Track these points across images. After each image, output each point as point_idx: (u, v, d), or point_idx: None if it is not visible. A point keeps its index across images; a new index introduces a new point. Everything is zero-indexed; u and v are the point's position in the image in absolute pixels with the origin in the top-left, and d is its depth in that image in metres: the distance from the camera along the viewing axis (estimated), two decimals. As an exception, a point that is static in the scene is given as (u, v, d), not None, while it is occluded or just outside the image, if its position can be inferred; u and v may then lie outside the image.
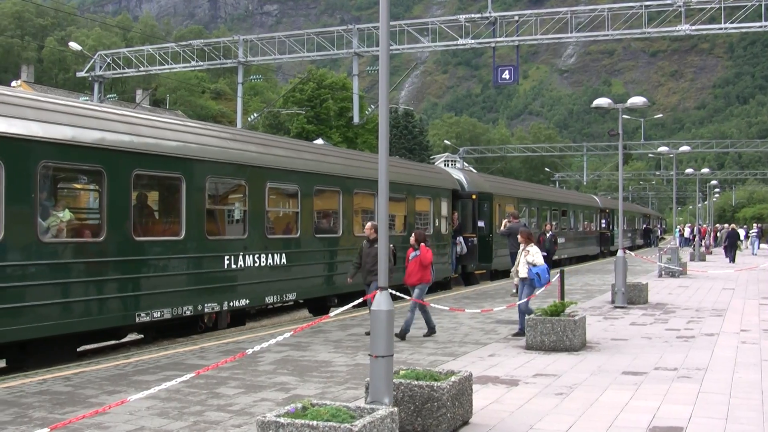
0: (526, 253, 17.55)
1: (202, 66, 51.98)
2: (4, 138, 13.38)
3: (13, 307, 13.36)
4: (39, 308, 13.98)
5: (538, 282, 17.32)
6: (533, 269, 17.27)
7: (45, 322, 14.09)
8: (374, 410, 7.56)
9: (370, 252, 17.97)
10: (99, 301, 15.12)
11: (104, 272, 15.28)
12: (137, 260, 15.98)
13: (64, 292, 14.46)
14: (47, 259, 14.16)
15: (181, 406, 10.72)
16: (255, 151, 19.87)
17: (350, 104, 64.98)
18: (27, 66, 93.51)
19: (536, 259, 17.35)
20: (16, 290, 13.58)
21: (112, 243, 15.38)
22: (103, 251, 15.25)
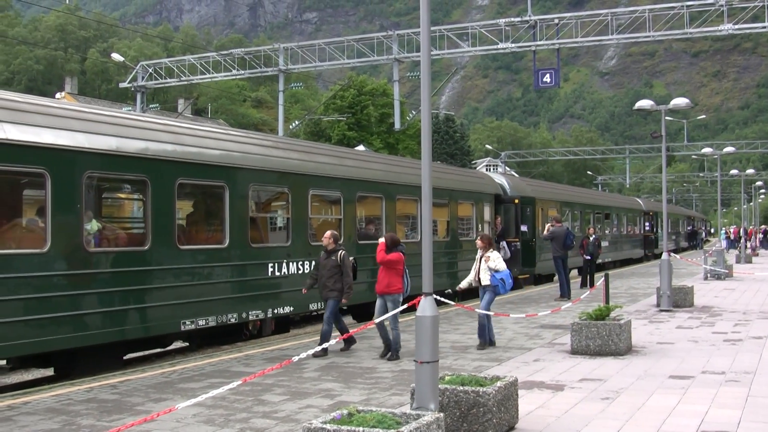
0: (486, 258, 16.69)
1: (242, 74, 52.28)
2: (50, 149, 13.53)
3: (61, 316, 13.49)
4: (86, 317, 14.11)
5: (502, 288, 16.63)
6: (497, 275, 16.51)
7: (91, 331, 14.22)
8: (420, 416, 7.55)
9: (326, 264, 16.27)
10: (144, 309, 15.23)
11: (149, 281, 15.40)
12: (182, 268, 16.08)
13: (110, 300, 14.58)
14: (93, 269, 14.29)
15: (227, 414, 10.77)
16: (297, 159, 19.94)
17: (391, 110, 65.08)
18: (71, 78, 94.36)
19: (498, 265, 16.58)
20: (63, 299, 13.71)
21: (156, 252, 15.49)
22: (148, 260, 15.36)
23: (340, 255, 16.13)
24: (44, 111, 14.06)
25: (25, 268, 13.19)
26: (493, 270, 16.53)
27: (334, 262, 16.12)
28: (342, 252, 16.22)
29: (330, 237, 16.33)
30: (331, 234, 16.41)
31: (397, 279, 15.52)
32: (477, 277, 16.84)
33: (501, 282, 16.50)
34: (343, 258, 16.13)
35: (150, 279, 15.41)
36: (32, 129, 13.39)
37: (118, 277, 14.81)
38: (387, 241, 15.75)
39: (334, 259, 16.14)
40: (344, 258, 16.16)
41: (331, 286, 16.07)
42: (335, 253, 16.19)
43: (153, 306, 15.37)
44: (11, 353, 13.44)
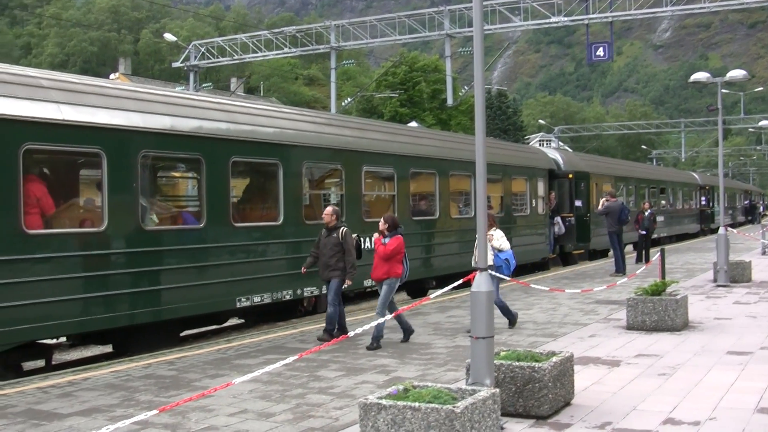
0: (490, 238, 15.56)
1: (294, 52, 52.22)
2: (106, 129, 13.66)
3: (119, 294, 13.64)
4: (143, 294, 14.27)
5: (506, 269, 15.77)
6: (501, 255, 15.71)
7: (149, 308, 14.38)
8: (476, 392, 7.55)
9: (328, 242, 15.22)
10: (200, 286, 15.36)
11: (205, 258, 15.52)
12: (237, 246, 16.19)
13: (167, 278, 14.73)
14: (149, 247, 14.44)
15: (282, 389, 10.84)
16: (350, 136, 19.96)
17: (443, 86, 64.91)
18: (124, 58, 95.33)
19: (502, 244, 15.81)
20: (121, 277, 13.88)
21: (211, 229, 15.60)
22: (203, 238, 15.48)
23: (342, 232, 15.09)
24: (99, 92, 14.20)
25: (83, 246, 13.36)
26: (496, 250, 15.71)
27: (335, 239, 15.09)
28: (344, 229, 15.18)
29: (331, 213, 15.33)
30: (332, 210, 15.41)
31: (397, 265, 14.57)
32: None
33: (505, 263, 15.73)
34: (344, 235, 15.08)
35: (205, 257, 15.53)
36: (88, 109, 13.53)
37: (174, 255, 14.96)
38: (388, 223, 14.76)
39: (335, 236, 15.11)
40: (346, 235, 15.10)
41: (333, 266, 15.04)
42: (336, 230, 15.15)
43: (209, 283, 15.50)
44: (71, 330, 13.63)
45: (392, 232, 14.59)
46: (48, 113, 12.81)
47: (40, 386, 11.38)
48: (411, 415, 6.98)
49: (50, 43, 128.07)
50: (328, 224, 15.19)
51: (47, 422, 9.41)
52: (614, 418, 9.08)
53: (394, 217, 15.04)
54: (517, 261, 25.70)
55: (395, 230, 14.64)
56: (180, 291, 14.94)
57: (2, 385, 11.49)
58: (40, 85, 13.13)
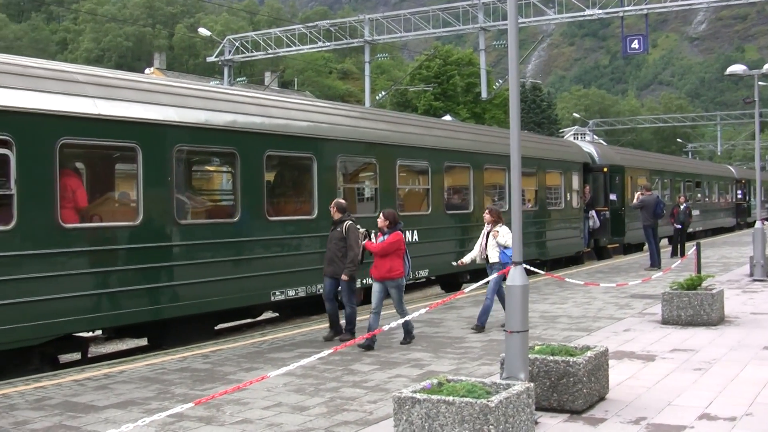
0: (495, 234, 15.18)
1: (328, 46, 52.27)
2: (141, 123, 13.73)
3: (154, 287, 13.72)
4: (178, 288, 14.34)
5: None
6: (507, 252, 14.90)
7: (183, 302, 14.45)
8: (510, 386, 7.52)
9: (332, 237, 14.58)
10: (234, 280, 15.41)
11: (239, 252, 15.57)
12: (271, 240, 16.23)
13: (201, 272, 14.79)
14: (184, 240, 14.51)
15: (316, 383, 10.86)
16: (385, 129, 19.96)
17: (477, 80, 64.59)
18: (159, 53, 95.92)
19: (508, 240, 14.89)
20: (156, 271, 13.95)
21: (246, 223, 15.66)
22: (238, 232, 15.53)
23: (346, 226, 14.33)
24: (134, 86, 14.27)
25: (118, 240, 13.45)
26: (502, 246, 15.08)
27: (339, 234, 14.39)
28: (348, 222, 14.38)
29: (334, 206, 14.68)
30: (335, 203, 14.76)
31: (399, 262, 13.86)
32: (484, 254, 15.51)
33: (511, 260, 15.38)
34: (348, 229, 14.30)
35: (240, 250, 15.59)
36: (123, 104, 13.60)
37: (209, 249, 15.02)
38: (389, 218, 14.03)
39: (339, 230, 14.41)
40: (349, 229, 14.30)
41: (338, 262, 14.38)
42: (341, 224, 14.43)
43: (243, 277, 15.55)
44: (107, 324, 13.73)
45: (391, 228, 13.94)
46: (84, 108, 12.89)
47: (77, 379, 11.47)
48: (445, 409, 6.97)
49: (86, 39, 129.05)
50: (333, 217, 14.66)
51: (83, 414, 9.48)
52: (649, 413, 9.03)
53: (394, 213, 14.31)
54: (552, 255, 25.63)
55: (395, 226, 14.01)
56: (215, 285, 14.99)
57: (39, 378, 11.60)
58: (75, 80, 13.22)
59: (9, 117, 11.86)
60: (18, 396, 10.53)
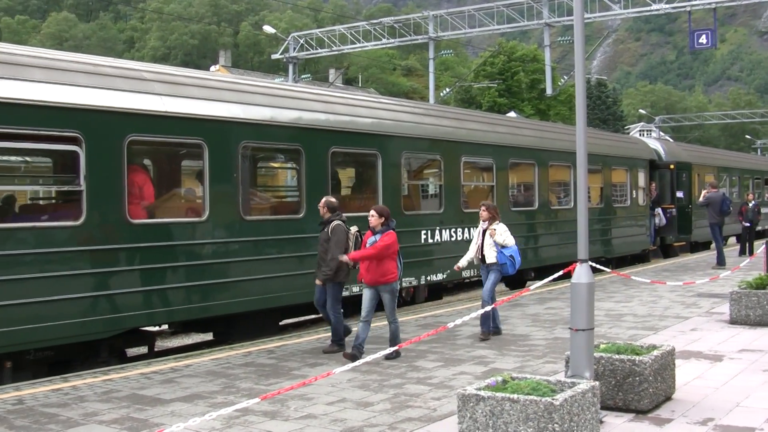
0: (492, 232, 14.19)
1: (392, 43, 52.26)
2: (207, 120, 13.86)
3: (219, 283, 13.84)
4: (243, 283, 14.44)
5: (511, 266, 14.19)
6: (505, 251, 14.14)
7: (249, 297, 14.56)
8: (575, 384, 7.47)
9: (320, 238, 13.44)
10: (299, 276, 15.48)
11: (304, 248, 15.64)
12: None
13: (267, 267, 14.88)
14: (250, 236, 14.61)
15: (381, 379, 10.88)
16: (449, 126, 19.93)
17: (541, 76, 64.42)
18: (224, 51, 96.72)
19: (506, 239, 14.15)
20: (222, 266, 14.08)
21: (311, 219, 15.71)
22: (303, 228, 15.60)
23: (331, 226, 13.14)
24: (200, 83, 14.41)
25: (185, 236, 13.59)
26: (500, 245, 14.16)
27: (325, 235, 13.26)
28: (335, 223, 13.16)
29: (323, 205, 13.42)
30: (324, 201, 13.47)
31: (391, 265, 12.54)
32: (480, 254, 14.40)
33: (510, 260, 14.14)
34: (332, 229, 13.09)
35: (305, 246, 15.66)
36: (190, 101, 13.74)
37: (274, 245, 15.12)
38: (385, 215, 12.74)
39: (325, 231, 13.28)
40: (334, 229, 13.08)
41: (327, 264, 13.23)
42: (328, 224, 13.26)
43: (308, 273, 15.61)
44: (173, 318, 13.87)
45: (384, 227, 12.61)
46: (151, 105, 13.05)
47: (144, 372, 11.62)
48: (509, 407, 6.95)
49: (152, 37, 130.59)
50: (323, 216, 13.45)
51: (150, 407, 9.60)
52: (717, 414, 8.91)
53: (388, 210, 12.95)
54: (617, 253, 25.38)
55: (388, 225, 12.68)
56: (280, 280, 15.08)
57: (108, 371, 11.77)
58: (143, 77, 13.38)
59: (79, 114, 12.04)
60: (87, 388, 10.70)
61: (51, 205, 14.16)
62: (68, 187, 12.73)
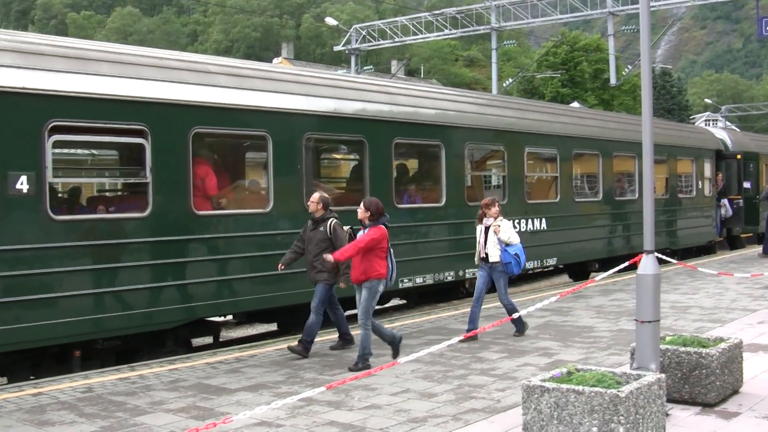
0: (496, 229, 13.31)
1: (454, 34, 52.10)
2: (271, 112, 13.95)
3: (284, 274, 13.91)
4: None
5: (516, 265, 13.38)
6: (510, 249, 13.33)
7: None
8: (640, 376, 7.42)
9: (314, 237, 12.40)
10: (363, 267, 15.49)
11: (367, 239, 15.66)
12: (399, 227, 16.28)
13: (330, 259, 14.92)
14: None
15: (444, 370, 10.89)
16: (512, 116, 19.85)
17: (605, 66, 63.66)
18: (286, 43, 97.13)
19: (511, 236, 13.33)
20: (286, 258, 14.15)
21: (374, 211, 15.74)
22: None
23: (330, 225, 12.30)
24: (264, 76, 14.50)
25: (249, 227, 13.69)
26: (504, 243, 13.33)
27: (322, 234, 12.31)
28: (333, 221, 12.35)
29: (318, 201, 12.43)
30: (319, 197, 12.48)
31: (378, 262, 11.50)
32: (483, 252, 13.53)
33: (515, 258, 13.33)
34: (334, 228, 12.27)
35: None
36: (254, 93, 13.83)
37: (338, 236, 15.16)
38: (371, 209, 11.66)
39: (322, 230, 12.33)
40: (335, 228, 12.27)
41: (320, 266, 12.25)
42: (324, 222, 12.36)
43: (371, 264, 15.63)
44: (238, 309, 13.99)
45: (374, 222, 11.60)
46: (216, 98, 13.16)
47: (209, 362, 11.75)
48: (574, 399, 6.91)
49: (215, 30, 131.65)
50: (315, 214, 12.48)
51: (216, 396, 9.71)
52: (786, 407, 8.80)
53: (378, 203, 11.85)
54: (682, 244, 25.07)
55: (378, 219, 11.65)
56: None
57: (174, 360, 11.92)
58: (207, 70, 13.49)
59: (145, 107, 12.19)
60: (154, 377, 10.85)
61: (117, 197, 14.34)
62: (135, 180, 12.91)
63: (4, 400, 9.69)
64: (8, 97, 10.84)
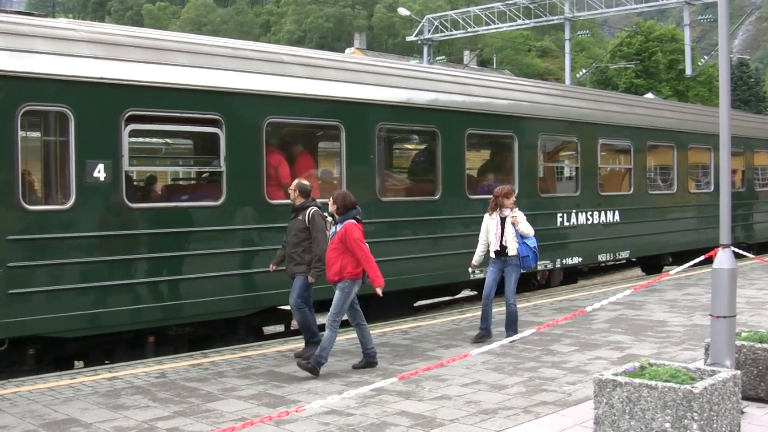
0: (514, 220, 12.51)
1: (527, 24, 51.81)
2: (344, 102, 14.00)
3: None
4: (378, 264, 14.50)
5: (533, 260, 12.68)
6: (528, 242, 12.57)
7: (384, 278, 14.63)
8: (715, 372, 7.31)
9: (292, 227, 11.40)
10: (434, 257, 15.52)
11: (439, 230, 15.68)
12: (471, 218, 16.21)
13: (402, 249, 14.95)
14: (385, 218, 14.70)
15: (515, 362, 10.85)
16: (586, 107, 19.68)
17: (680, 56, 63.01)
18: (359, 33, 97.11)
19: (530, 229, 12.61)
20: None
21: (446, 201, 15.74)
22: (439, 210, 15.63)
23: (309, 213, 11.19)
24: (337, 66, 14.55)
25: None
26: (523, 236, 12.56)
27: (301, 223, 11.25)
28: (312, 210, 11.22)
29: (295, 188, 11.42)
30: (296, 184, 11.46)
31: (353, 262, 10.65)
32: (498, 245, 12.66)
33: (533, 252, 12.61)
34: (312, 218, 11.17)
35: (440, 228, 15.69)
36: (327, 83, 13.89)
37: (410, 227, 15.19)
38: (338, 202, 10.78)
39: (301, 218, 11.27)
40: (314, 218, 11.17)
41: (298, 258, 11.23)
42: (303, 211, 11.29)
43: (442, 255, 15.64)
44: (312, 297, 14.05)
45: (343, 216, 10.78)
46: (289, 87, 13.24)
47: (280, 350, 11.84)
48: (647, 394, 6.84)
49: (288, 21, 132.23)
50: (294, 202, 11.45)
51: (287, 384, 9.80)
52: None
53: (345, 196, 10.98)
54: (759, 238, 24.71)
55: (346, 213, 10.78)
56: (415, 262, 15.14)
57: (245, 348, 12.03)
58: (281, 60, 13.58)
59: (219, 97, 12.31)
60: (225, 364, 10.97)
61: (191, 186, 14.50)
62: (209, 168, 13.04)
63: (80, 384, 9.87)
64: (87, 87, 11.03)
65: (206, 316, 12.36)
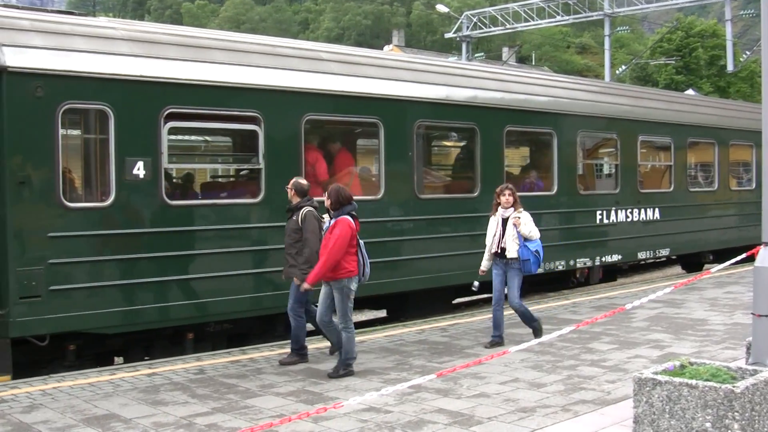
0: (516, 221, 11.91)
1: (566, 20, 51.52)
2: (383, 99, 14.00)
3: (394, 261, 13.97)
4: (417, 262, 14.54)
5: (535, 264, 12.05)
6: (530, 245, 11.97)
7: (422, 275, 14.65)
8: (757, 372, 7.23)
9: (287, 227, 11.12)
10: (473, 255, 15.45)
11: (478, 227, 15.61)
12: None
13: (440, 246, 14.94)
14: (424, 215, 14.69)
15: (554, 360, 10.81)
16: (626, 104, 19.56)
17: (721, 52, 62.26)
18: (397, 31, 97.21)
19: (533, 231, 12.01)
20: (397, 244, 14.21)
21: (485, 199, 15.67)
22: (478, 207, 15.59)
23: (302, 214, 10.83)
24: (376, 63, 14.58)
25: (361, 214, 13.71)
26: (526, 237, 11.97)
27: (294, 224, 10.94)
28: (306, 210, 10.87)
29: (291, 187, 11.12)
30: (292, 183, 11.14)
31: (348, 259, 10.28)
32: (499, 247, 12.09)
33: (535, 255, 11.99)
34: (305, 218, 10.80)
35: (479, 226, 15.61)
36: (366, 81, 13.91)
37: (448, 224, 15.17)
38: (332, 197, 10.36)
39: (295, 219, 10.96)
40: (306, 218, 10.80)
41: (291, 260, 10.95)
42: (297, 211, 10.95)
43: (481, 252, 15.59)
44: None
45: (337, 212, 10.37)
46: (328, 85, 13.26)
47: (318, 347, 11.84)
48: (687, 393, 6.78)
49: (326, 18, 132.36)
50: (291, 201, 11.16)
51: (325, 381, 9.83)
52: None
53: (339, 191, 10.47)
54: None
55: (340, 209, 10.37)
56: (453, 259, 15.12)
57: (283, 344, 12.03)
58: (320, 58, 13.60)
59: (258, 94, 12.36)
60: (264, 361, 11.02)
61: (230, 183, 14.56)
62: (247, 166, 13.09)
63: (120, 379, 9.95)
64: (126, 85, 11.10)
65: (245, 312, 12.40)
